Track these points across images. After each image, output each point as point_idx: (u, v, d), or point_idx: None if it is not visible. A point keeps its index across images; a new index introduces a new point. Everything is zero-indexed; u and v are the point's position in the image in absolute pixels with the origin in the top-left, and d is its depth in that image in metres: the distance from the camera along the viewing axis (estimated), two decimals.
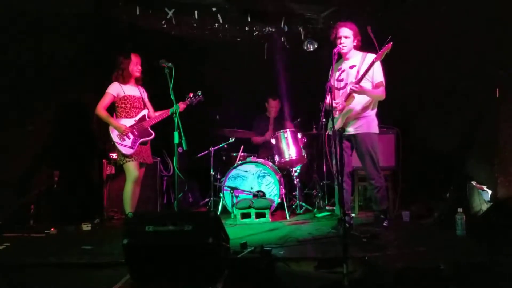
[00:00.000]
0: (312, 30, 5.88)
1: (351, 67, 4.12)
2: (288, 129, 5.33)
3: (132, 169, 4.32)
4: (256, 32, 5.83)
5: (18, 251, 3.65)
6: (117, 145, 4.28)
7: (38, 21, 4.75)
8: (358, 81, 3.88)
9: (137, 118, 4.44)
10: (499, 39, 4.35)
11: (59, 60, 4.94)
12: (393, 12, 5.34)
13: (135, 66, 4.46)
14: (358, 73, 4.01)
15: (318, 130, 5.60)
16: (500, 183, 4.33)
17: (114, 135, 4.31)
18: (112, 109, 4.45)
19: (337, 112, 4.07)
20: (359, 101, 4.03)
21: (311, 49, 5.94)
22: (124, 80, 4.43)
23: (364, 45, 4.12)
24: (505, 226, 3.42)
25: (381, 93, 4.01)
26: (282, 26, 5.75)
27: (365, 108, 4.06)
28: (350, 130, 4.08)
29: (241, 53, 6.23)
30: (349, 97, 4.02)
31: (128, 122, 4.39)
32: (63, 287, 2.92)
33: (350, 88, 3.91)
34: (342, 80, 4.17)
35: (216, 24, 5.66)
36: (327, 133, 4.20)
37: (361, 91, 3.91)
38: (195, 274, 2.53)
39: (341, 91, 4.15)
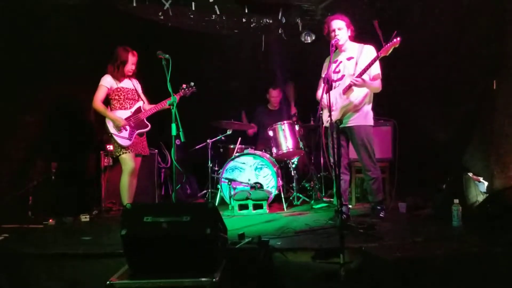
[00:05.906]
0: (310, 21, 5.85)
1: (349, 58, 4.11)
2: (285, 121, 5.32)
3: (128, 161, 4.33)
4: (254, 24, 5.79)
5: (16, 242, 3.64)
6: (115, 137, 4.28)
7: (34, 12, 4.72)
8: (360, 75, 3.88)
9: (133, 110, 4.45)
10: (497, 32, 4.35)
11: (55, 51, 4.91)
12: (392, 3, 5.32)
13: (132, 65, 4.43)
14: (357, 65, 4.01)
15: (315, 122, 5.59)
16: (496, 175, 4.36)
17: (111, 126, 4.31)
18: (106, 101, 4.43)
19: (333, 107, 4.08)
20: (357, 94, 4.03)
21: (309, 41, 5.92)
22: (118, 75, 4.39)
23: (366, 38, 4.11)
24: (500, 217, 3.45)
25: (378, 85, 4.03)
26: (279, 17, 5.72)
27: (363, 101, 4.06)
28: (346, 122, 4.10)
29: (238, 45, 6.20)
30: (348, 89, 4.02)
31: (123, 113, 4.38)
32: (62, 278, 2.95)
33: (352, 82, 3.91)
34: (338, 72, 4.17)
35: (213, 16, 5.61)
36: (323, 125, 4.21)
37: (363, 85, 3.92)
38: (193, 265, 2.54)
39: (337, 83, 4.16)
